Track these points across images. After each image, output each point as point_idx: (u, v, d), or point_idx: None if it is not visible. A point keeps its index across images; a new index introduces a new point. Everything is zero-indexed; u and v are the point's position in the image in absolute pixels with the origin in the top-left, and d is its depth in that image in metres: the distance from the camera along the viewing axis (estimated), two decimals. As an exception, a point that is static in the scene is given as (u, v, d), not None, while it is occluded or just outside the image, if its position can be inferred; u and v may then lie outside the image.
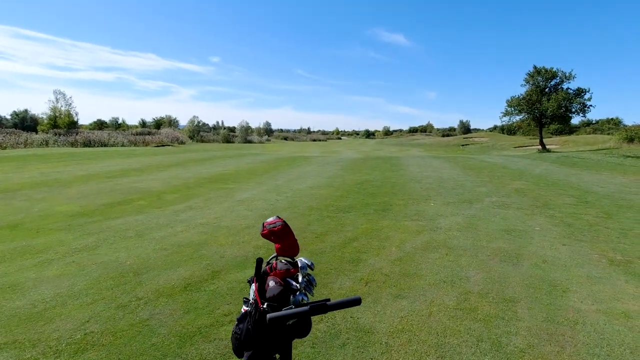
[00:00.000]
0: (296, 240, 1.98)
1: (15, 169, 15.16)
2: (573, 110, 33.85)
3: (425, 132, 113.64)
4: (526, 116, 36.39)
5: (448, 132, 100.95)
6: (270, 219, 1.82)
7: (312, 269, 2.17)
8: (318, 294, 3.69)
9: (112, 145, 38.52)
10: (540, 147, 36.14)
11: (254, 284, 1.91)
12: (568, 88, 34.39)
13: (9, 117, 62.81)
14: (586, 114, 34.25)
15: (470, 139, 69.30)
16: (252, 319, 1.77)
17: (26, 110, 63.21)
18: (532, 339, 2.93)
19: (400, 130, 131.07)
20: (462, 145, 59.69)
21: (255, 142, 64.25)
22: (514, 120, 38.41)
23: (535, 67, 35.54)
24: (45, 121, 48.26)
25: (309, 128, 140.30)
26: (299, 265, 2.01)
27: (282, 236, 1.79)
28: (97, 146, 37.25)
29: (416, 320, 3.23)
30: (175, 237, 5.73)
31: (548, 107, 33.06)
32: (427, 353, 2.76)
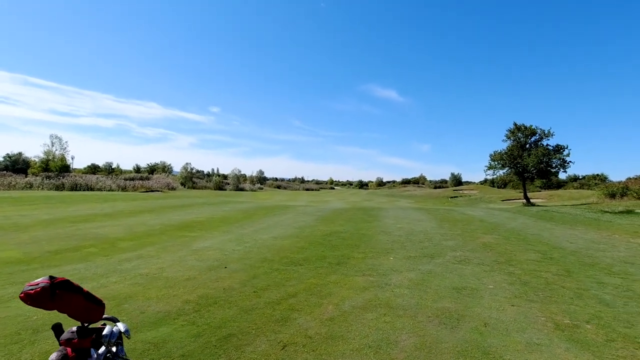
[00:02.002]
0: (90, 302, 1.75)
1: (-19, 211, 14.71)
2: (554, 165, 34.69)
3: (418, 183, 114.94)
4: (509, 170, 37.13)
5: (440, 184, 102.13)
6: (37, 280, 1.59)
7: (127, 337, 1.92)
8: (224, 359, 3.33)
9: (99, 190, 38.15)
10: (524, 200, 36.46)
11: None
12: (547, 145, 35.58)
13: (1, 159, 62.89)
14: (566, 170, 35.03)
15: (460, 192, 70.03)
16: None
17: (20, 153, 63.48)
18: (442, 420, 2.57)
19: (394, 182, 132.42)
20: (451, 197, 60.06)
21: (247, 190, 64.23)
22: (498, 174, 39.12)
23: (515, 124, 37.00)
24: (37, 164, 48.37)
25: (302, 177, 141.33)
26: (103, 333, 1.76)
27: (45, 301, 1.54)
28: (84, 190, 36.86)
29: (320, 393, 2.87)
30: (104, 288, 5.34)
31: (529, 162, 33.89)
32: None
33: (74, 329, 1.75)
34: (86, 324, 1.80)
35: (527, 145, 36.38)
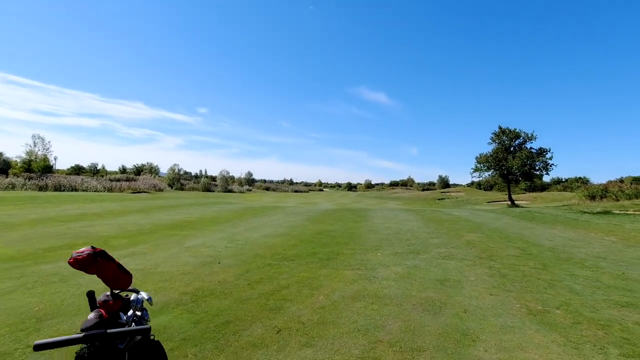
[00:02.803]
0: (121, 271, 2.00)
1: (-34, 211, 14.50)
2: (537, 168, 35.75)
3: (406, 186, 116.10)
4: (494, 172, 38.09)
5: (428, 187, 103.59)
6: (82, 248, 1.84)
7: (150, 304, 2.17)
8: (226, 348, 3.57)
9: (84, 190, 37.57)
10: (509, 202, 37.45)
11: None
12: (531, 148, 36.66)
13: (-20, 159, 61.24)
14: (549, 172, 36.13)
15: (447, 193, 71.24)
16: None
17: (0, 153, 61.95)
18: (422, 389, 2.87)
19: (382, 184, 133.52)
20: (439, 199, 61.02)
21: (235, 192, 63.99)
22: (484, 177, 40.08)
23: (500, 127, 38.04)
24: (19, 164, 47.30)
25: (291, 179, 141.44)
26: (131, 299, 2.01)
27: (89, 266, 1.79)
28: (68, 191, 36.26)
29: (313, 369, 3.14)
30: (100, 283, 5.48)
31: (513, 165, 34.87)
32: (309, 404, 2.66)
33: (108, 293, 1.98)
34: (116, 291, 2.03)
35: (512, 148, 37.42)
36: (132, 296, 2.05)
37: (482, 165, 38.34)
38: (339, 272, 6.34)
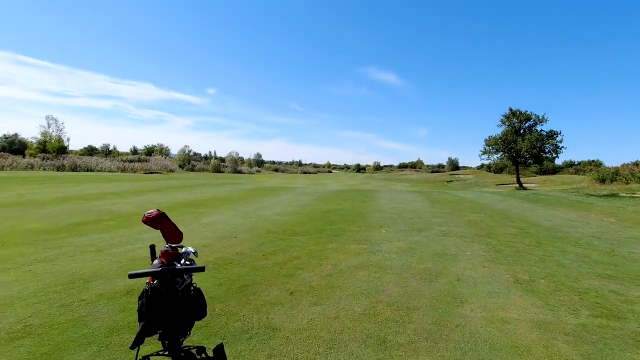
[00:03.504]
0: (176, 229, 2.54)
1: (-5, 189, 15.40)
2: (546, 150, 35.58)
3: (415, 168, 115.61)
4: (503, 155, 38.00)
5: (437, 169, 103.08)
6: (151, 210, 2.37)
7: (196, 256, 2.73)
8: (247, 305, 4.17)
9: (99, 171, 38.71)
10: (517, 185, 37.49)
11: (149, 268, 2.45)
12: (542, 130, 36.36)
13: (-3, 140, 62.93)
14: (559, 155, 35.92)
15: (456, 176, 71.12)
16: (144, 294, 2.30)
17: (16, 134, 63.48)
18: (414, 337, 3.43)
19: (391, 166, 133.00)
20: (447, 181, 61.06)
21: (244, 173, 64.90)
22: (492, 159, 40.02)
23: (510, 109, 37.70)
24: (34, 145, 48.59)
25: (300, 160, 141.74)
26: (183, 250, 2.56)
27: (157, 223, 2.33)
28: (83, 171, 37.42)
29: (321, 322, 3.71)
30: (132, 252, 6.15)
31: (522, 147, 34.74)
32: (319, 345, 3.24)
33: (167, 246, 2.52)
34: (173, 245, 2.57)
35: (522, 131, 37.16)
36: (183, 249, 2.60)
37: (491, 147, 38.26)
38: (345, 246, 6.90)
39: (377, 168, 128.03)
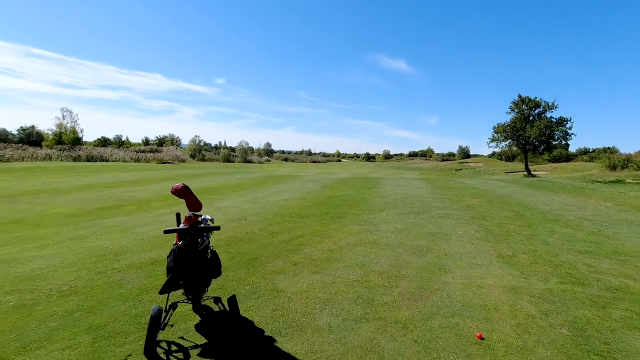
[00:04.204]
0: (197, 200, 3.13)
1: (19, 178, 16.38)
2: (556, 137, 35.32)
3: (425, 156, 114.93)
4: (511, 142, 37.85)
5: (447, 157, 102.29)
6: (177, 183, 2.97)
7: (212, 222, 3.33)
8: (255, 273, 4.79)
9: (114, 161, 39.93)
10: (525, 172, 37.39)
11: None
12: (551, 117, 36.03)
13: (15, 132, 64.91)
14: (568, 141, 35.63)
15: (466, 164, 70.64)
16: (172, 253, 2.92)
17: (33, 127, 65.39)
18: (398, 298, 4.00)
19: (401, 154, 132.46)
20: (457, 169, 60.87)
21: (254, 162, 65.77)
22: (500, 147, 39.87)
23: (520, 96, 37.37)
24: (51, 137, 50.04)
25: (309, 150, 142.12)
26: (202, 217, 3.16)
27: (182, 194, 2.93)
28: (99, 161, 38.66)
29: (319, 286, 4.30)
30: (153, 232, 6.83)
31: (531, 134, 34.56)
32: (316, 303, 3.83)
33: (190, 213, 3.12)
34: (194, 213, 3.17)
35: (531, 118, 36.89)
36: (202, 216, 3.19)
37: (499, 135, 38.14)
38: (346, 227, 7.47)
39: (387, 157, 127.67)
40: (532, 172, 37.59)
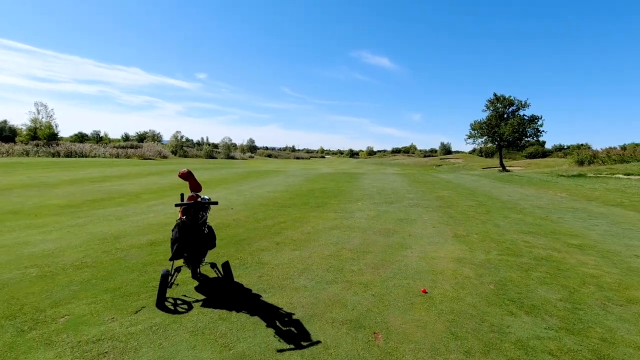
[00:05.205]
0: (198, 183, 3.85)
1: (4, 174, 16.44)
2: (528, 134, 37.15)
3: (408, 152, 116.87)
4: (487, 139, 39.51)
5: (429, 153, 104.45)
6: (183, 169, 3.67)
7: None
8: (243, 251, 5.51)
9: (94, 157, 39.48)
10: (500, 167, 39.17)
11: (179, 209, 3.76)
12: (524, 115, 37.84)
13: (-15, 127, 62.60)
14: (539, 138, 37.54)
15: (446, 160, 72.69)
16: (177, 226, 3.62)
17: (5, 121, 63.21)
18: (363, 267, 4.80)
19: (384, 151, 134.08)
20: (437, 165, 62.64)
21: (238, 159, 65.80)
22: (477, 143, 41.52)
23: (495, 94, 39.05)
24: (25, 132, 48.60)
25: (293, 146, 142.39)
26: (201, 197, 3.87)
27: (187, 177, 3.64)
28: (79, 157, 38.18)
29: (298, 259, 5.07)
30: (147, 220, 7.43)
31: (505, 131, 36.24)
32: (294, 271, 4.59)
33: (192, 193, 3.80)
34: (195, 193, 3.86)
35: (505, 115, 38.62)
36: (202, 197, 3.90)
37: (475, 132, 39.74)
38: (324, 214, 8.26)
39: (371, 153, 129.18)
40: (507, 168, 39.39)
